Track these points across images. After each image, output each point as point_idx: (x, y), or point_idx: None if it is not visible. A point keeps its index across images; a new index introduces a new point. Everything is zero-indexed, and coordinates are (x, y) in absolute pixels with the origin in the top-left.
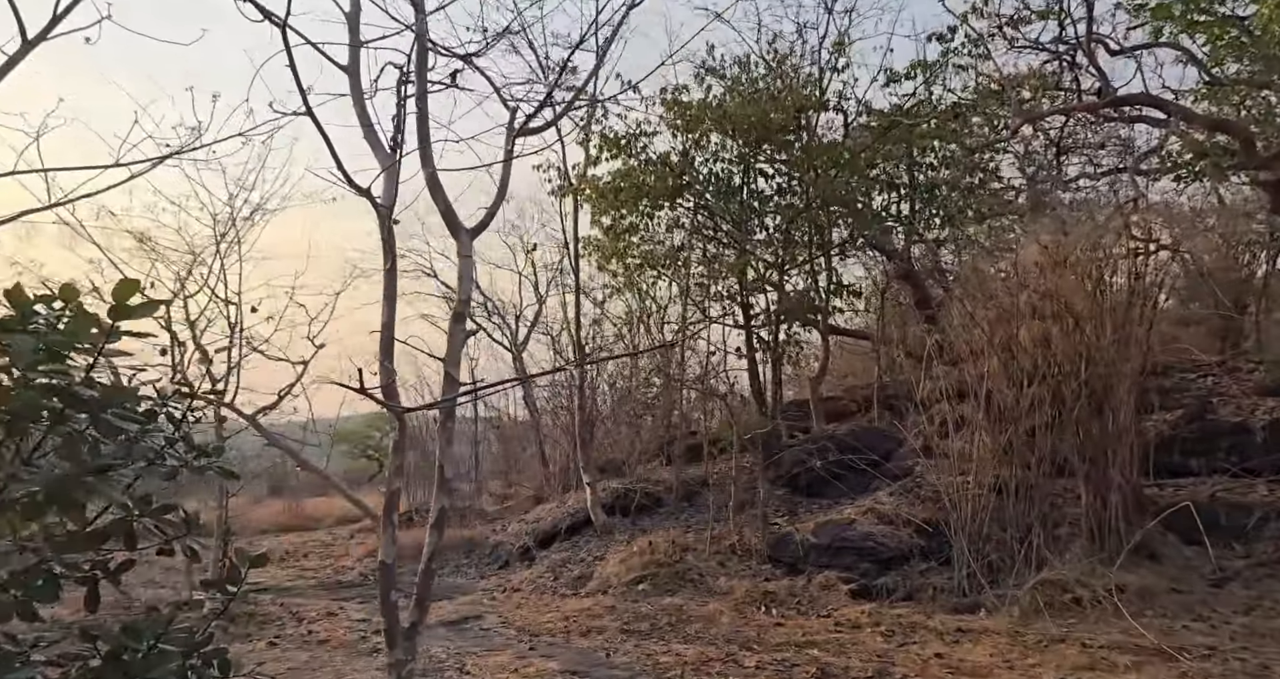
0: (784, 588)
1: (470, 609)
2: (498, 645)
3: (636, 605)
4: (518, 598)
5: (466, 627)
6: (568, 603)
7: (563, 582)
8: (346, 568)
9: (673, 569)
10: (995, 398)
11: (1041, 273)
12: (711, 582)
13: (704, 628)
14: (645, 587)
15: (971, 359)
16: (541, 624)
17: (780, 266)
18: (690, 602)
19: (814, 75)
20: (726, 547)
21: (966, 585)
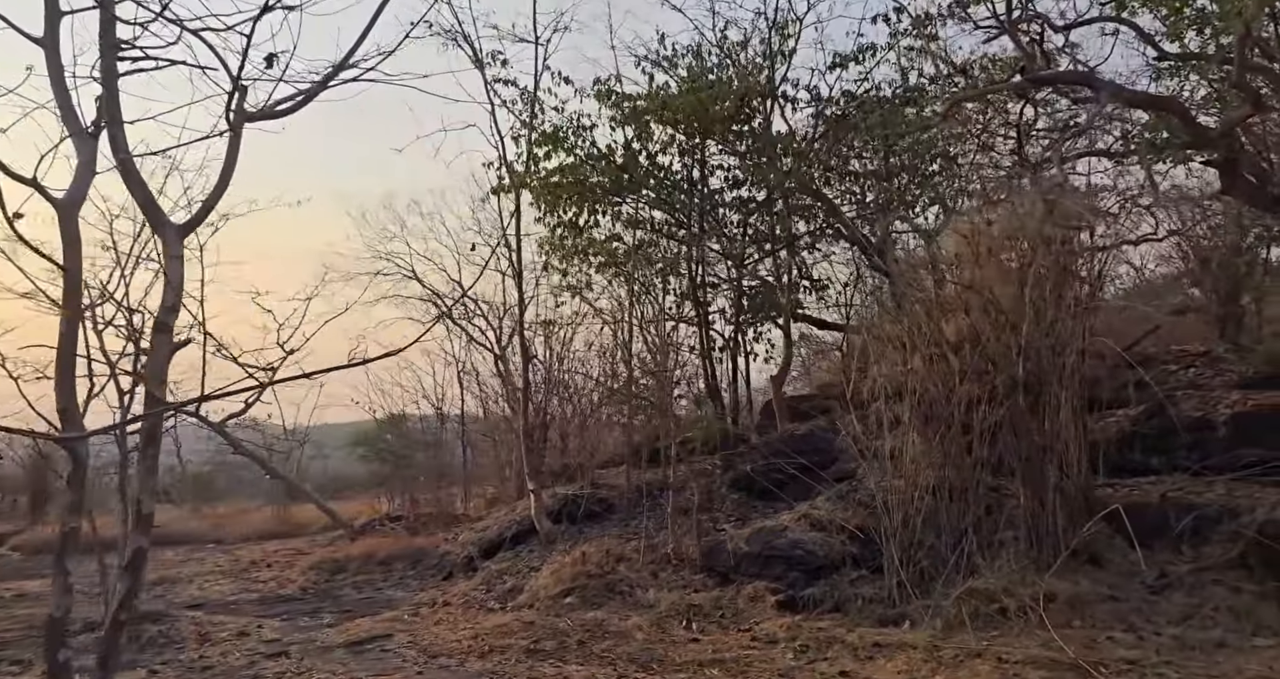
0: (711, 600)
1: (385, 628)
2: (388, 669)
3: (556, 621)
4: (442, 613)
5: (369, 648)
6: (489, 619)
7: (494, 595)
8: (290, 580)
9: (603, 580)
10: (925, 395)
11: (963, 263)
12: (640, 594)
13: (613, 646)
14: (572, 599)
15: (900, 355)
16: (447, 644)
17: (740, 261)
18: (613, 616)
19: (761, 63)
20: (662, 556)
21: (896, 595)
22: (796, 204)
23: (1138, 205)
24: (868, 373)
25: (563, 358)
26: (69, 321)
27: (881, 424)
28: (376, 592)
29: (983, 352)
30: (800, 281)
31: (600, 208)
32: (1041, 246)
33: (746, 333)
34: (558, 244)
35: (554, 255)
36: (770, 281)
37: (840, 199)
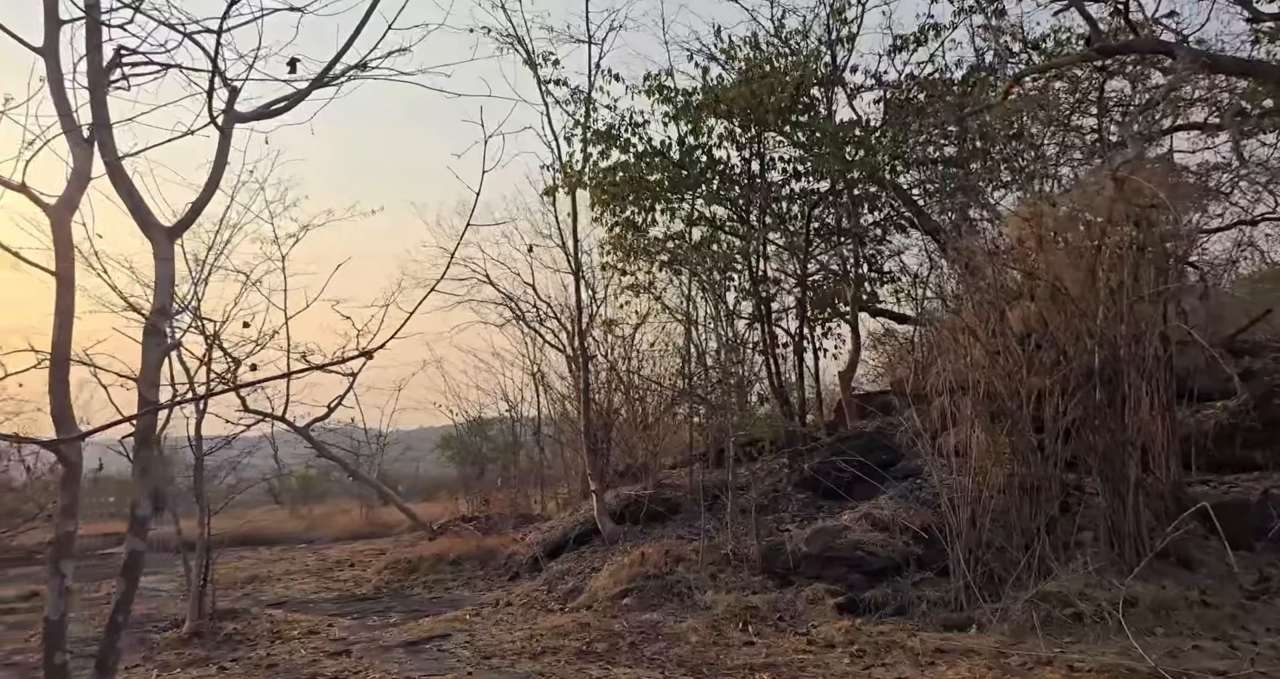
0: (769, 602)
1: (445, 627)
2: (441, 669)
3: (612, 622)
4: (503, 614)
5: (427, 648)
6: (546, 620)
7: (555, 595)
8: (366, 580)
9: (661, 582)
10: (990, 389)
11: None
12: (698, 595)
13: (665, 649)
14: (630, 601)
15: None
16: (502, 645)
17: (804, 255)
18: (669, 618)
19: (819, 50)
20: (722, 557)
21: (963, 598)
22: (864, 194)
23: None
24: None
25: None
26: (61, 327)
27: (945, 420)
28: (445, 591)
29: (1051, 341)
30: (869, 274)
31: (659, 205)
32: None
33: (814, 329)
34: (618, 243)
35: (614, 255)
36: (837, 275)
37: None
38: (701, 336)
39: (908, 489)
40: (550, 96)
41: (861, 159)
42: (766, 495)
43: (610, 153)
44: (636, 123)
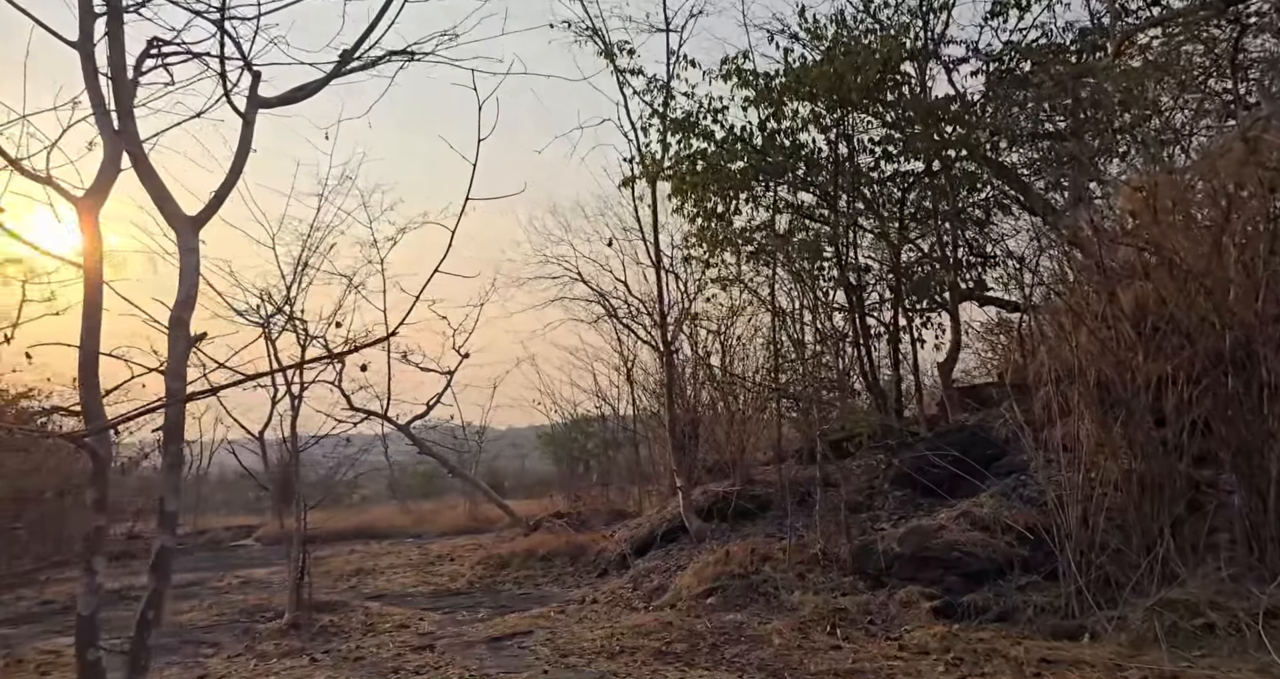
0: (859, 604)
1: (529, 624)
2: (517, 667)
3: (695, 622)
4: (588, 611)
5: (508, 645)
6: (629, 618)
7: (640, 593)
8: (461, 575)
9: (746, 581)
10: (1100, 376)
11: (1142, 222)
12: (785, 596)
13: (746, 651)
14: (714, 600)
15: (1068, 330)
16: (581, 643)
17: (898, 240)
18: (753, 619)
19: (910, 22)
20: (811, 556)
21: (1074, 605)
22: (962, 174)
23: None
24: (1036, 354)
25: (712, 352)
26: (89, 323)
27: (1050, 411)
28: (535, 588)
29: (1170, 323)
30: (971, 259)
31: (742, 194)
32: (1244, 195)
33: (912, 318)
34: (703, 235)
35: (700, 247)
36: (934, 260)
37: (1017, 165)
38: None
39: (1010, 486)
40: (628, 87)
41: (960, 136)
42: (861, 493)
43: (690, 141)
44: (715, 109)
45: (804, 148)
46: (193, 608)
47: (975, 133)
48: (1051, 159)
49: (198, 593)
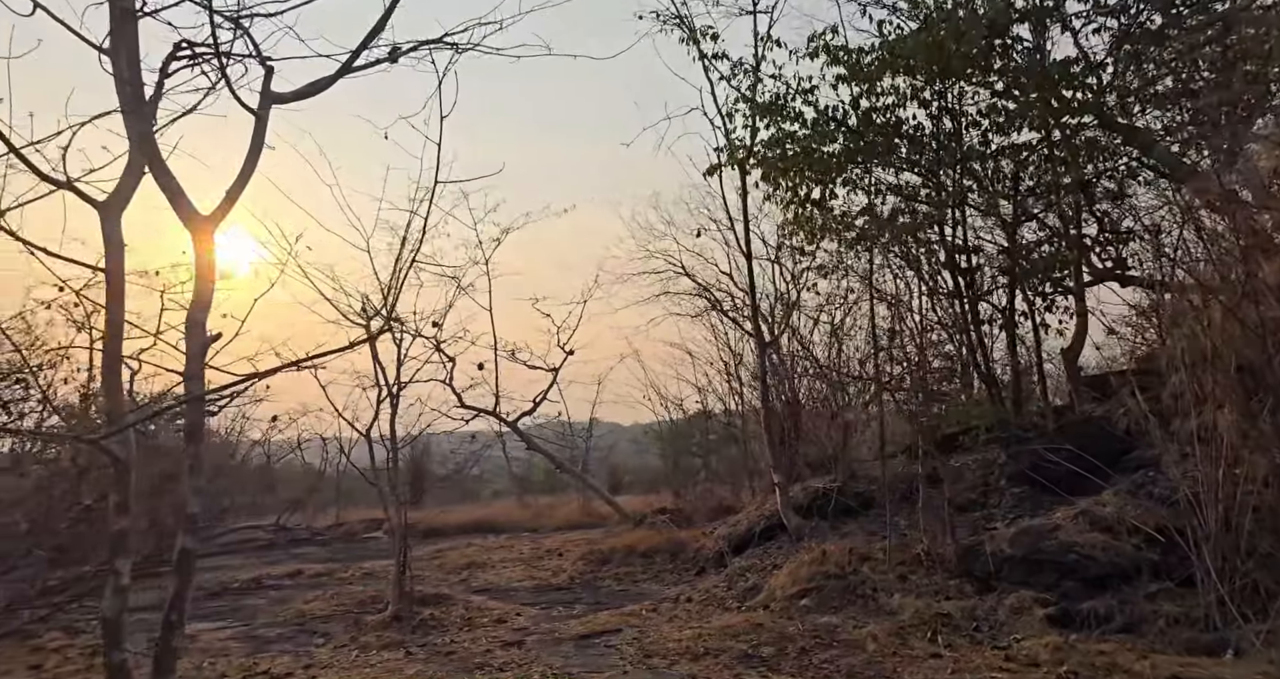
0: (964, 609)
1: (620, 622)
2: (600, 666)
3: (786, 624)
4: (680, 610)
5: (595, 643)
6: (719, 618)
7: (734, 593)
8: (563, 570)
9: (844, 582)
10: (1241, 361)
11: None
12: (884, 598)
13: (837, 656)
14: (808, 602)
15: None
16: (667, 644)
17: (1013, 219)
18: (849, 622)
19: None
20: (913, 557)
21: (1215, 616)
22: (1086, 143)
23: None
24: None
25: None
26: (113, 326)
27: (1183, 401)
28: (634, 584)
29: None
30: (1101, 236)
31: (838, 178)
32: None
33: (1033, 301)
34: (800, 222)
35: (797, 234)
36: (1057, 237)
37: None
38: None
39: (1138, 483)
40: (715, 71)
41: (1084, 102)
42: (975, 490)
43: (784, 125)
44: (804, 90)
45: (904, 125)
46: (316, 598)
47: (1103, 96)
48: (1192, 120)
49: (324, 583)
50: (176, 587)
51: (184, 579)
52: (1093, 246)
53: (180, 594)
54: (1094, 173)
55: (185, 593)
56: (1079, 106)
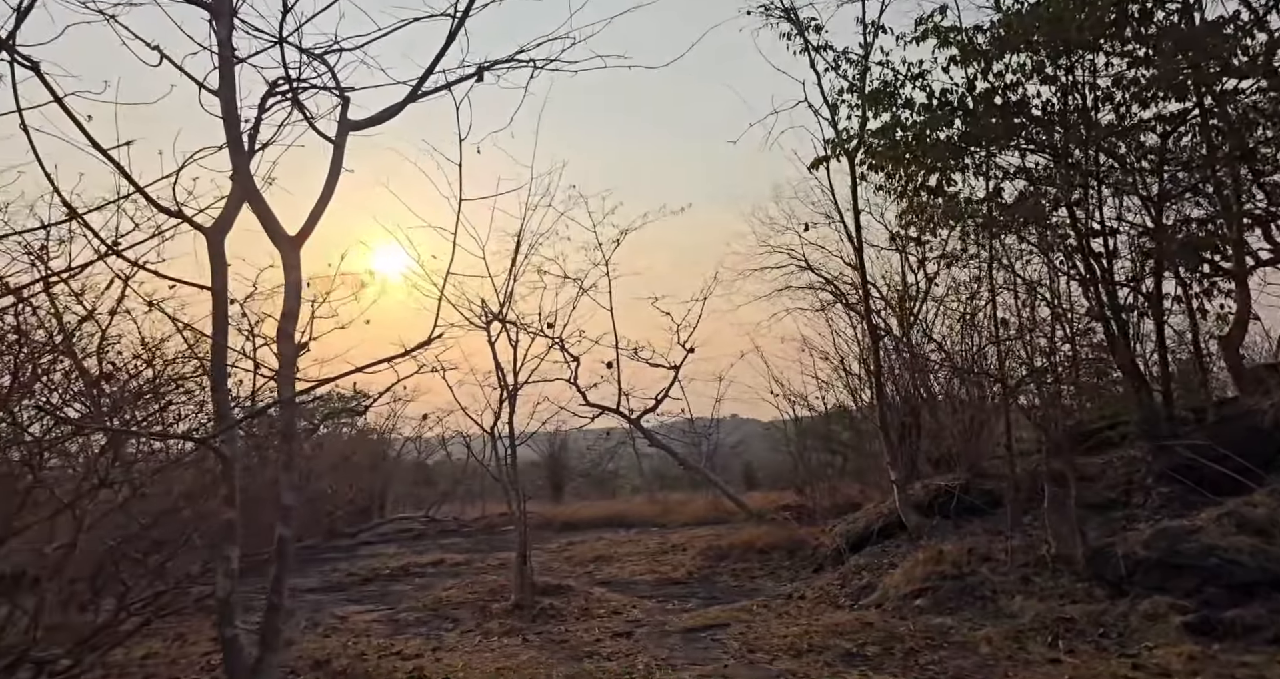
0: (1089, 614)
1: (729, 617)
2: (702, 659)
3: (898, 624)
4: (791, 607)
5: (701, 636)
6: (829, 616)
7: (847, 591)
8: (682, 565)
9: (961, 583)
10: None
11: None
12: (1003, 600)
13: (946, 658)
14: (923, 602)
15: None
16: (771, 640)
17: (1160, 198)
18: (964, 624)
19: None
20: (1038, 558)
21: None
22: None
23: None
24: None
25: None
26: (218, 337)
27: None
28: (750, 580)
29: None
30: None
31: (956, 163)
32: None
33: (1189, 285)
34: (917, 211)
35: (914, 225)
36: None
37: None
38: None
39: None
40: (821, 63)
41: (1249, 62)
42: (1116, 488)
43: (898, 112)
44: (914, 75)
45: (1028, 104)
46: (453, 586)
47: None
48: None
49: (462, 572)
50: (276, 571)
51: (282, 565)
52: (1259, 223)
53: (279, 578)
54: (1259, 140)
55: (284, 577)
56: (1240, 68)
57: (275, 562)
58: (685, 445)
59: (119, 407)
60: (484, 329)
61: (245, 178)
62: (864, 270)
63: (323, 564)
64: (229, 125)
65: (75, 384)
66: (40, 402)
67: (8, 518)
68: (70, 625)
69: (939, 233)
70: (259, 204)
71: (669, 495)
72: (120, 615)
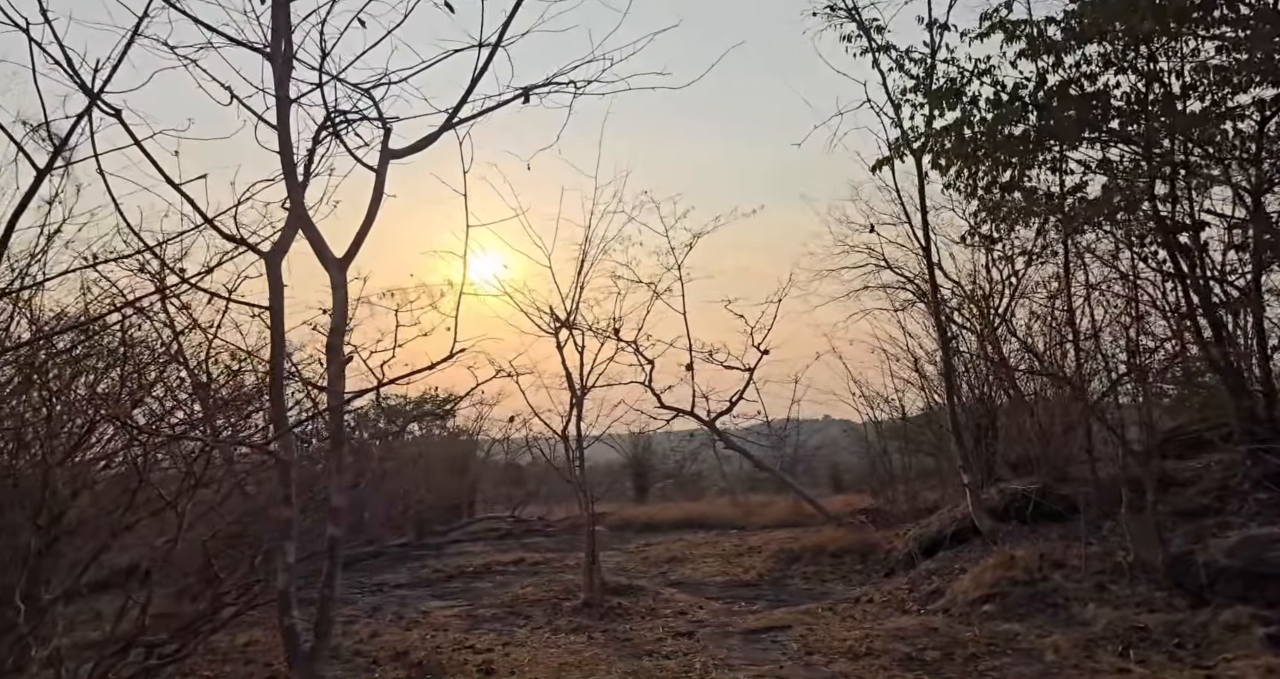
0: (1166, 624)
1: (792, 620)
2: (760, 660)
3: (963, 630)
4: (857, 611)
5: (763, 638)
6: (894, 621)
7: (915, 596)
8: (753, 567)
9: (1032, 589)
10: None
11: None
12: (1076, 608)
13: (1008, 665)
14: (991, 608)
15: None
16: (831, 643)
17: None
18: (1032, 631)
19: None
20: (1115, 565)
21: None
22: None
23: None
24: None
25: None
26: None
27: None
28: (821, 584)
29: None
30: None
31: (1033, 158)
32: None
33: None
34: (990, 209)
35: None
36: None
37: None
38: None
39: None
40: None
41: None
42: (1210, 494)
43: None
44: (981, 70)
45: (1107, 94)
46: (530, 584)
47: None
48: None
49: (541, 571)
50: (328, 568)
51: (334, 562)
52: None
53: (330, 574)
54: None
55: (335, 572)
56: None
57: (327, 558)
58: (766, 448)
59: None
60: (552, 335)
61: (299, 207)
62: (933, 270)
63: (413, 561)
64: (284, 159)
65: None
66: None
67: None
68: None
69: (1015, 230)
70: (311, 230)
71: (750, 498)
72: (216, 605)
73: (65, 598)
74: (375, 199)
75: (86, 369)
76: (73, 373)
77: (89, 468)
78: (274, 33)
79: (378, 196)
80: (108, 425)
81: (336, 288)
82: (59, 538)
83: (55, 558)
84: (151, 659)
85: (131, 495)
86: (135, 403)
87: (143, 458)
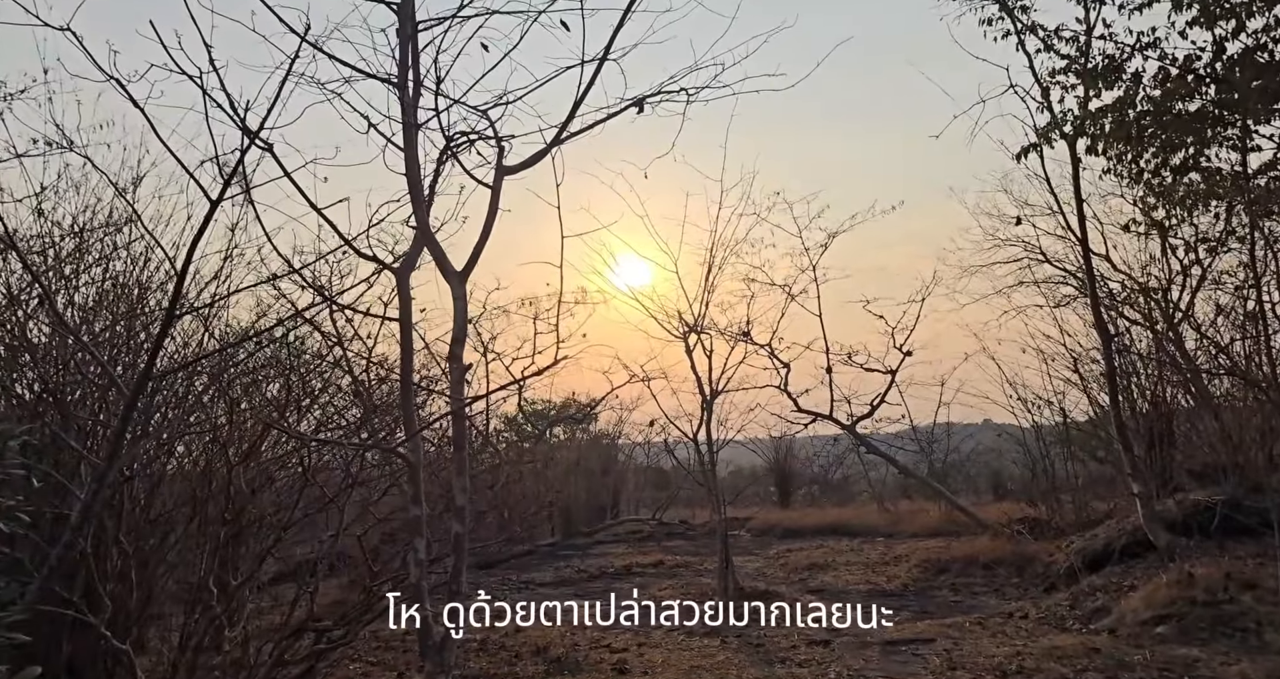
0: None
1: (936, 632)
2: (899, 673)
3: (1132, 652)
4: (1011, 626)
5: (903, 650)
6: (1052, 638)
7: (1077, 613)
8: (897, 576)
9: (1215, 611)
10: None
11: None
12: (1270, 634)
13: None
14: (1166, 630)
15: None
16: (978, 659)
17: None
18: (1214, 658)
19: None
20: None
21: None
22: None
23: None
24: None
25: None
26: (404, 358)
27: None
28: (971, 596)
29: None
30: None
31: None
32: None
33: None
34: (1161, 194)
35: (1160, 208)
36: None
37: None
38: None
39: None
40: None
41: None
42: None
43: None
44: (1145, 44)
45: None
46: (669, 586)
47: None
48: None
49: (679, 574)
50: (455, 562)
51: (459, 557)
52: None
53: (457, 568)
54: None
55: (461, 567)
56: None
57: (454, 554)
58: (913, 453)
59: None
60: (681, 340)
61: (424, 226)
62: (1089, 260)
63: (559, 560)
64: (411, 180)
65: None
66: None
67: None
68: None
69: (1194, 215)
70: (434, 247)
71: (900, 505)
72: (371, 596)
73: (250, 585)
74: (491, 213)
75: (264, 378)
76: (251, 381)
77: (268, 468)
78: (399, 65)
79: (493, 211)
80: None
81: (457, 299)
82: (243, 530)
83: (241, 548)
84: (321, 643)
85: (299, 493)
86: (301, 411)
87: (309, 459)
